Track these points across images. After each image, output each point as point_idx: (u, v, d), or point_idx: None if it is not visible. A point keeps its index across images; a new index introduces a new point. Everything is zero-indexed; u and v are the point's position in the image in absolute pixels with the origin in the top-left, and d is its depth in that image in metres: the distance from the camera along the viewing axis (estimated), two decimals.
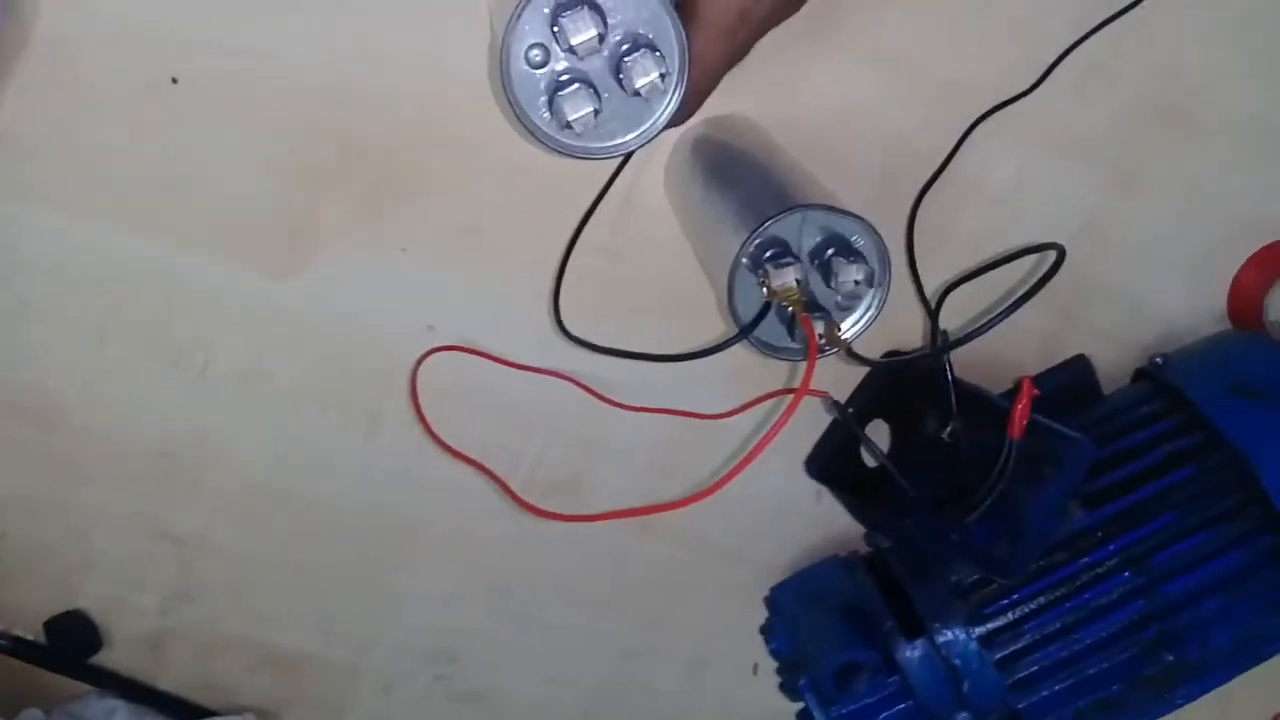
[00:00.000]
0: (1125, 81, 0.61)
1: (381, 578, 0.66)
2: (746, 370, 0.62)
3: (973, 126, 0.59)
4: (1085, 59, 0.59)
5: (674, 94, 0.43)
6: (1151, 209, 0.64)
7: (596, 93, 0.43)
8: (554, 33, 0.42)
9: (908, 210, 0.60)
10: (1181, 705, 0.59)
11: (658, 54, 0.42)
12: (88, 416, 0.59)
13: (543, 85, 0.42)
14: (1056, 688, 0.58)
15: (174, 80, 0.52)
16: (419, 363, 0.60)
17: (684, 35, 0.42)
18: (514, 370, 0.61)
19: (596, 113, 0.43)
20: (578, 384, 0.62)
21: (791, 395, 0.61)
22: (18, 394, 0.57)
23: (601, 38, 0.41)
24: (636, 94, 0.42)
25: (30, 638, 0.61)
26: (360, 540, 0.64)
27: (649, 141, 0.44)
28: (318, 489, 0.63)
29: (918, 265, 0.61)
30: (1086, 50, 0.59)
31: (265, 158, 0.54)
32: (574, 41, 0.41)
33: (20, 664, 0.61)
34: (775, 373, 0.62)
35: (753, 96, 0.57)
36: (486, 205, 0.58)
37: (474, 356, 0.60)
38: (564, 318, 0.58)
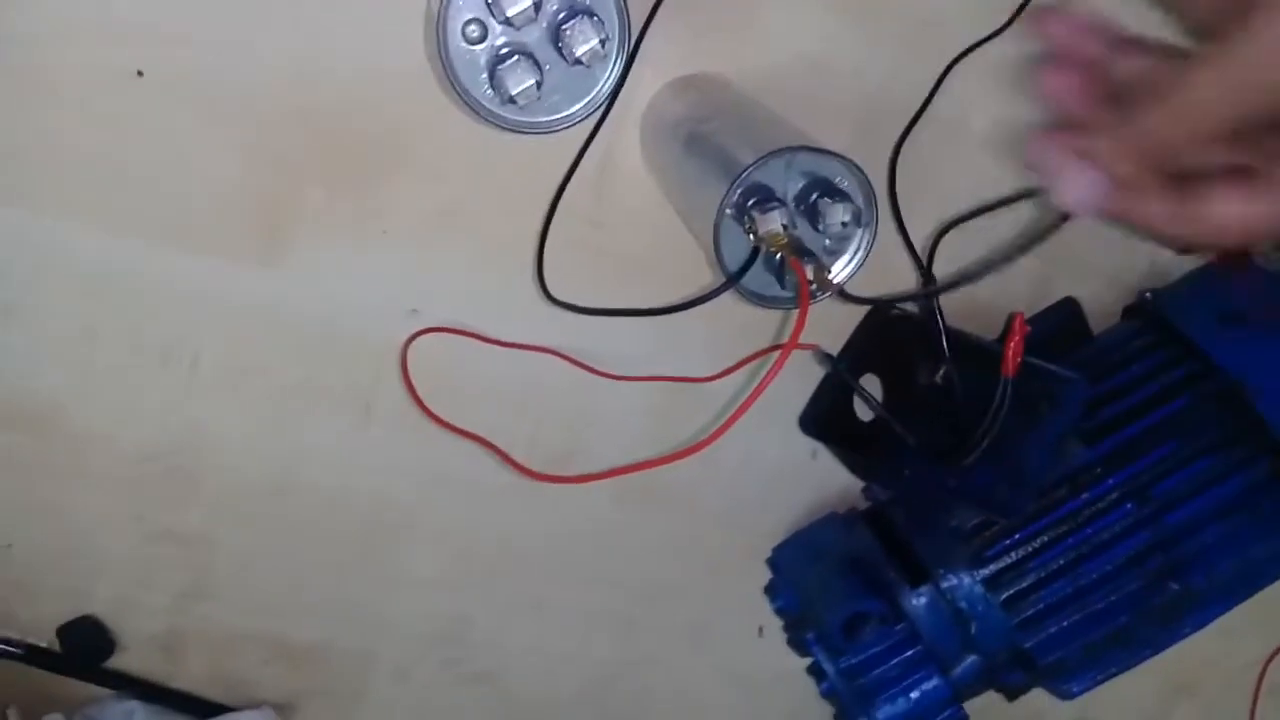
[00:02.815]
0: (1102, 12, 0.61)
1: (385, 564, 0.66)
2: (734, 333, 0.63)
3: (949, 67, 0.59)
4: None
5: (616, 59, 0.43)
6: None
7: (538, 64, 0.43)
8: (489, 6, 0.41)
9: (889, 156, 0.60)
10: (1190, 634, 0.59)
11: (596, 19, 0.42)
12: (82, 420, 0.58)
13: (483, 61, 0.42)
14: (1064, 623, 0.58)
15: (139, 73, 0.52)
16: (407, 344, 0.59)
17: None
18: (502, 349, 0.61)
19: (539, 84, 0.43)
20: (567, 358, 0.62)
21: (779, 352, 0.62)
22: (8, 401, 0.57)
23: (538, 7, 0.41)
24: (579, 62, 0.42)
25: (44, 645, 0.61)
26: (362, 528, 0.64)
27: (597, 111, 0.44)
28: (315, 479, 0.62)
29: (903, 212, 0.61)
30: None
31: (238, 147, 0.54)
32: (509, 13, 0.41)
33: (38, 671, 0.61)
34: (762, 333, 0.62)
35: (724, 51, 0.58)
36: (464, 183, 0.58)
37: (461, 337, 0.60)
38: (550, 286, 0.58)
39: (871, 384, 0.64)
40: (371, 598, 0.67)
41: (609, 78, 0.43)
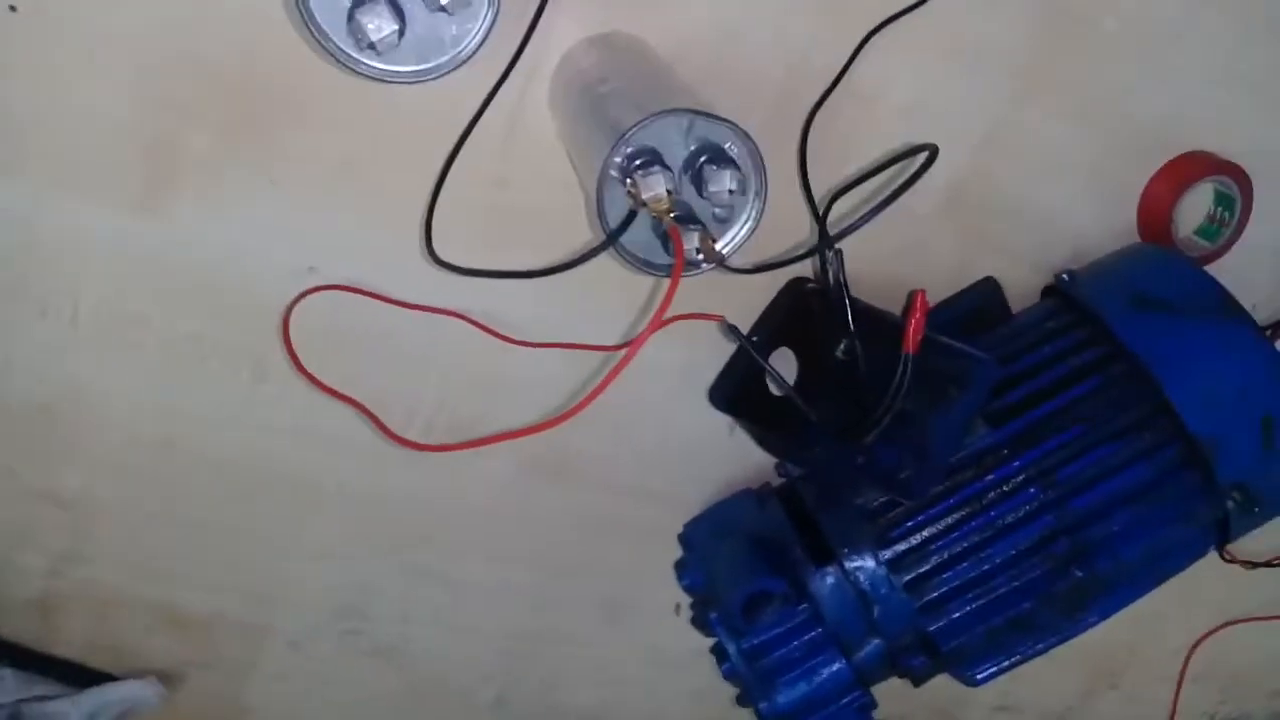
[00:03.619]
0: None
1: (280, 531, 0.64)
2: (651, 301, 0.61)
3: (867, 38, 0.57)
4: None
5: (488, 10, 0.41)
6: (1056, 123, 0.63)
7: (400, 10, 0.40)
8: None
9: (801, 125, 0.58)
10: (1095, 623, 0.58)
11: None
12: None
13: (346, 4, 0.40)
14: (967, 608, 0.57)
15: (12, 8, 0.49)
16: (294, 304, 0.57)
17: None
18: (406, 311, 0.59)
19: (400, 32, 0.40)
20: (472, 322, 0.60)
21: (699, 320, 0.60)
22: None
23: None
24: (442, 9, 0.40)
25: None
26: (255, 493, 0.62)
27: (461, 65, 0.42)
28: (205, 440, 0.60)
29: (812, 183, 0.59)
30: None
31: (121, 87, 0.51)
32: None
33: None
34: (680, 302, 0.60)
35: (641, 15, 0.55)
36: (364, 135, 0.55)
37: (361, 297, 0.58)
38: (448, 249, 0.56)
39: (787, 358, 0.63)
40: (265, 565, 0.65)
41: (480, 29, 0.41)
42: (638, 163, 0.45)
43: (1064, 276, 0.62)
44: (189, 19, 0.51)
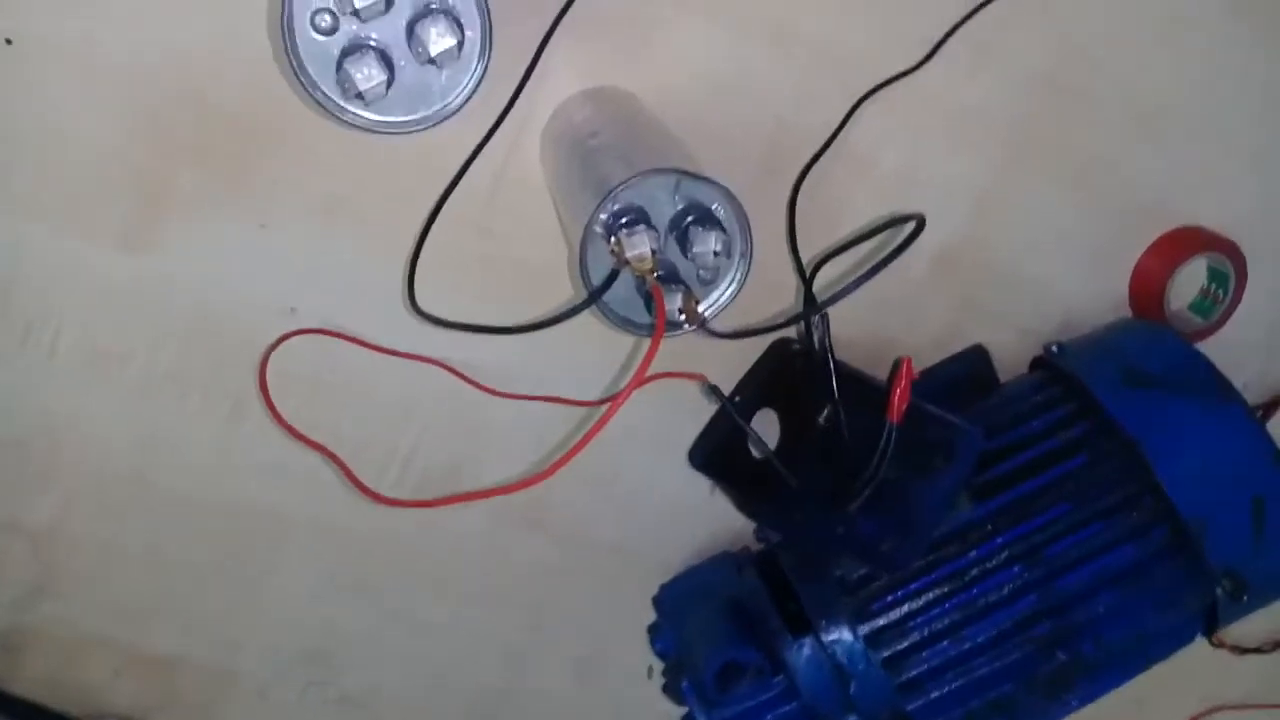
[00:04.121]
0: (1018, 56, 0.59)
1: (250, 573, 0.63)
2: (633, 355, 0.60)
3: (860, 102, 0.57)
4: (976, 33, 0.58)
5: (478, 63, 0.41)
6: (1049, 192, 0.63)
7: (389, 61, 0.40)
8: None
9: (791, 186, 0.58)
10: (1077, 707, 0.57)
11: (452, 19, 0.40)
12: None
13: (335, 53, 0.40)
14: (947, 689, 0.55)
15: (8, 41, 0.49)
16: (272, 348, 0.56)
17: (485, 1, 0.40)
18: (386, 356, 0.58)
19: (389, 83, 0.40)
20: (452, 370, 0.59)
21: (682, 379, 0.59)
22: None
23: (389, 2, 0.39)
24: (431, 62, 0.40)
25: None
26: (227, 533, 0.61)
27: (446, 119, 0.42)
28: (179, 478, 0.59)
29: (803, 251, 0.58)
30: (978, 23, 0.57)
31: (113, 122, 0.51)
32: (356, 4, 0.39)
33: None
34: (662, 358, 0.60)
35: (636, 70, 0.55)
36: (352, 180, 0.55)
37: (341, 341, 0.57)
38: (429, 297, 0.55)
39: (769, 419, 0.62)
40: (233, 607, 0.63)
41: (468, 82, 0.41)
42: (623, 220, 0.44)
43: (1053, 348, 0.61)
44: (182, 58, 0.51)
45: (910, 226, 0.48)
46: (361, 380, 0.59)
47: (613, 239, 0.44)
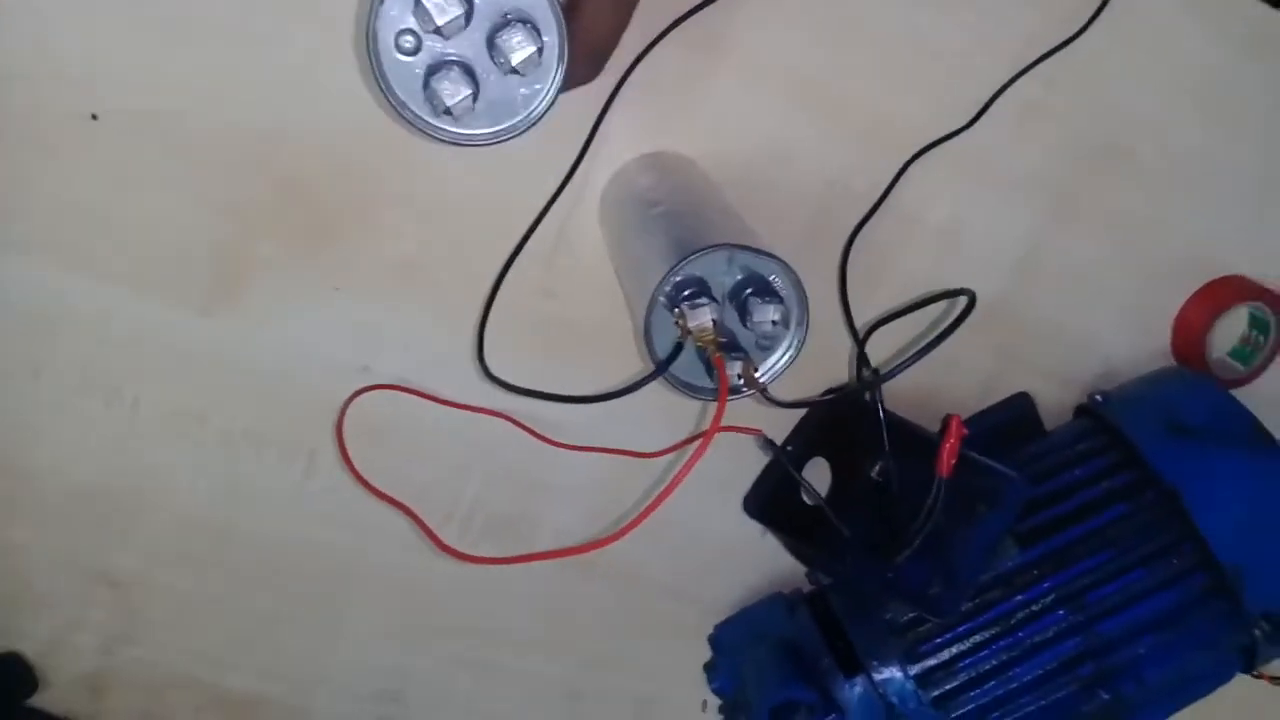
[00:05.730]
0: (1064, 116, 0.62)
1: (324, 617, 0.65)
2: (689, 409, 0.62)
3: (909, 163, 0.60)
4: (1023, 94, 0.60)
5: (557, 69, 0.42)
6: (1093, 245, 0.65)
7: (473, 75, 0.42)
8: (416, 15, 0.41)
9: (842, 246, 0.61)
10: None
11: (530, 27, 0.41)
12: (23, 456, 0.58)
13: (420, 73, 0.42)
14: None
15: (94, 116, 0.52)
16: (348, 403, 0.59)
17: (557, 4, 0.41)
18: (452, 409, 0.61)
19: (475, 96, 0.42)
20: (517, 423, 0.62)
21: (734, 432, 0.62)
22: None
23: (469, 16, 0.41)
24: (514, 71, 0.42)
25: None
26: (302, 579, 0.64)
27: (536, 123, 0.43)
28: (257, 528, 0.62)
29: (853, 304, 0.61)
30: (1024, 85, 0.60)
31: (195, 193, 0.55)
32: (439, 22, 0.40)
33: None
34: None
35: (691, 134, 0.58)
36: (422, 242, 0.58)
37: (410, 396, 0.60)
38: (495, 357, 0.58)
39: (821, 468, 0.64)
40: (308, 649, 0.66)
41: (549, 88, 0.43)
42: (685, 292, 0.46)
43: (1097, 397, 0.63)
44: (265, 129, 0.54)
45: (963, 302, 0.50)
46: (429, 431, 0.62)
47: (676, 310, 0.46)
